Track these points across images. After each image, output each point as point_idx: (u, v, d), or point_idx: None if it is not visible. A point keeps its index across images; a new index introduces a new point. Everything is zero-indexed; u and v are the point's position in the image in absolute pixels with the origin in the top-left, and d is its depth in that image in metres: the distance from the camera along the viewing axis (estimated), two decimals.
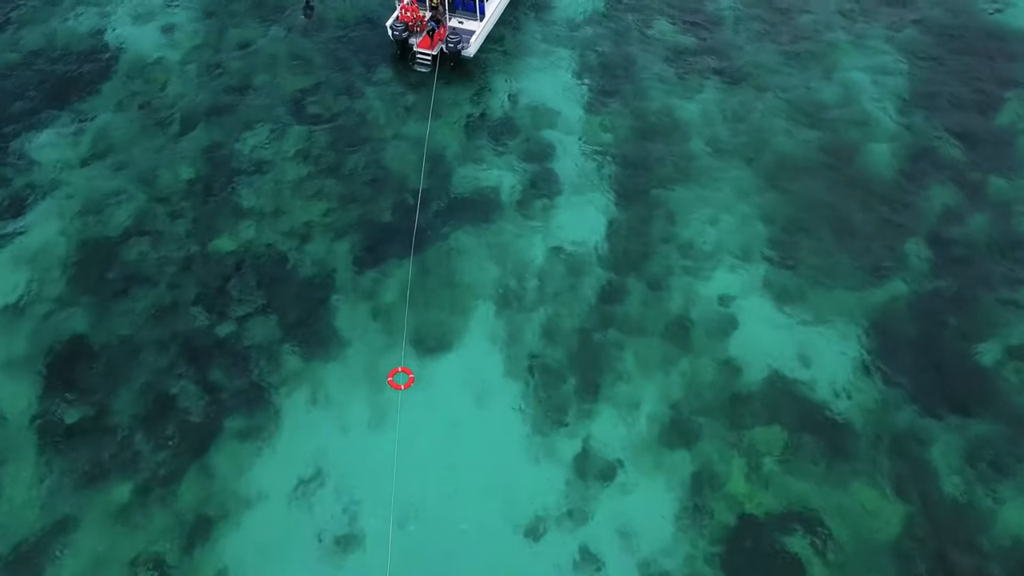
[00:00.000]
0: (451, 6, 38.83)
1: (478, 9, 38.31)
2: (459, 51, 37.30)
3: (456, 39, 37.13)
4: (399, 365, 27.08)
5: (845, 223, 32.75)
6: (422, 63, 38.13)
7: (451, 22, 38.72)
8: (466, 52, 37.76)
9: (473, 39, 37.97)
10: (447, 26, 38.49)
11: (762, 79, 38.42)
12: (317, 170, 33.73)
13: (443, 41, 37.64)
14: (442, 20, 38.53)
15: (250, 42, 39.20)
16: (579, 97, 37.37)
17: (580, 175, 34.28)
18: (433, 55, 37.88)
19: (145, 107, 36.01)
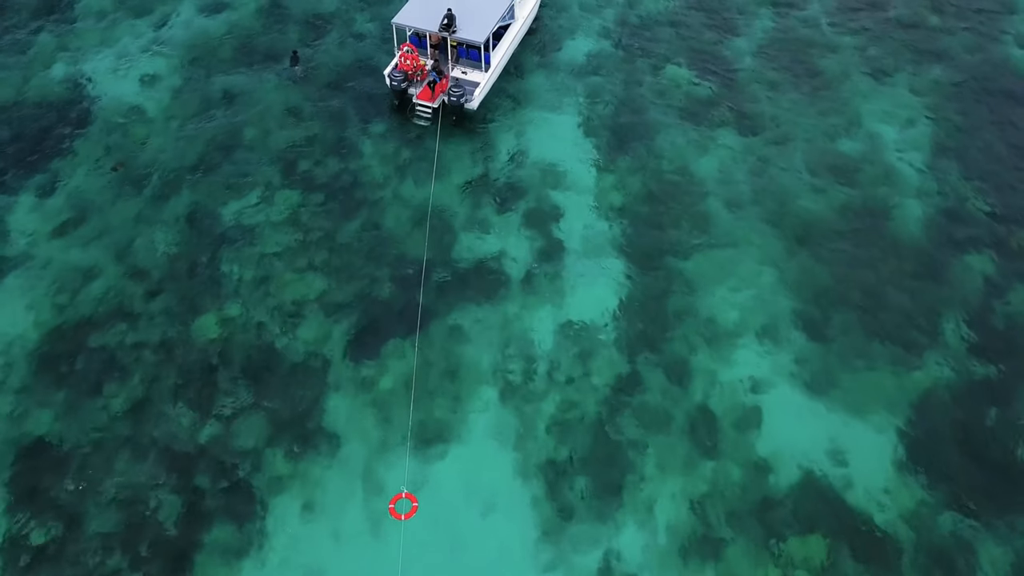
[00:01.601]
0: (454, 55, 36.42)
1: (483, 59, 35.90)
2: (462, 104, 34.94)
3: (459, 92, 34.70)
4: (401, 490, 24.68)
5: (876, 296, 30.48)
6: (422, 116, 35.71)
7: (454, 72, 36.27)
8: (469, 105, 35.36)
9: (477, 91, 35.56)
10: (449, 76, 36.08)
11: (782, 130, 36.12)
12: (309, 239, 31.31)
13: (445, 93, 35.26)
14: (444, 70, 36.14)
15: (237, 92, 36.71)
16: (588, 152, 35.00)
17: (590, 241, 31.92)
18: (434, 108, 35.50)
19: (123, 166, 33.49)
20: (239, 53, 38.56)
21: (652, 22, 41.04)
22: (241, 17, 40.24)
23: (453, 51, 36.24)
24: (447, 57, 36.32)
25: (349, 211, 32.24)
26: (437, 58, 36.28)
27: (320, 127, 35.34)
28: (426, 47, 36.41)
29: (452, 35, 34.95)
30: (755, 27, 40.93)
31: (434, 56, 36.34)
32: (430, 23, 35.24)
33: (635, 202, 33.19)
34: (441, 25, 34.90)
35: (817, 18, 41.50)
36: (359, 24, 40.36)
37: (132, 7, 40.60)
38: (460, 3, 35.76)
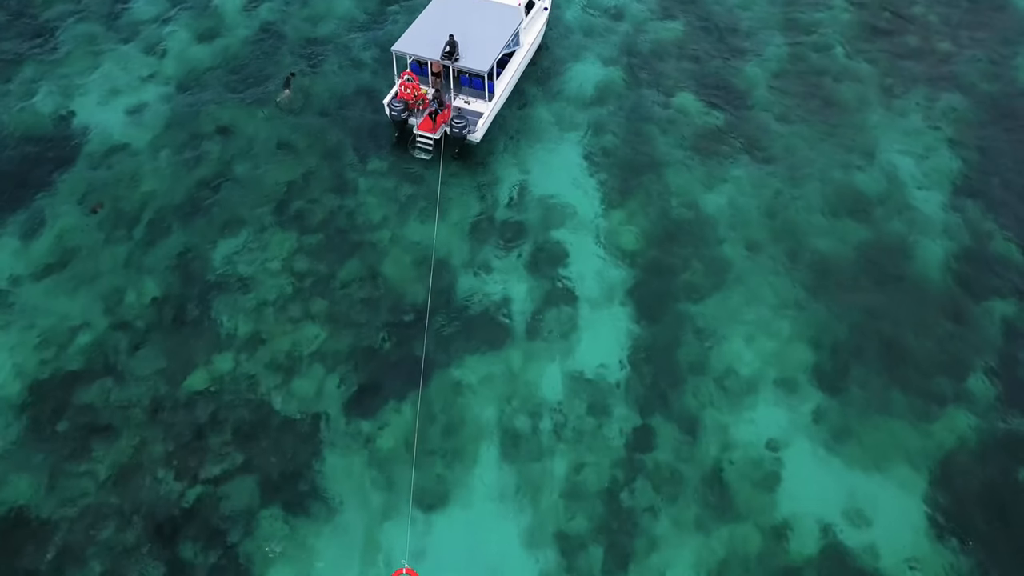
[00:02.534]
0: (456, 83, 35.06)
1: (487, 88, 34.50)
2: (464, 136, 33.56)
3: (462, 123, 33.30)
4: (402, 564, 23.27)
5: (898, 344, 29.14)
6: (423, 148, 34.30)
7: (456, 102, 34.85)
8: (472, 137, 33.96)
9: (481, 122, 34.15)
10: (452, 106, 34.71)
11: (796, 165, 34.76)
12: (304, 285, 29.91)
13: (446, 124, 33.89)
14: (445, 100, 34.78)
15: (229, 124, 35.28)
16: (594, 188, 33.64)
17: (598, 285, 30.56)
18: (435, 139, 34.11)
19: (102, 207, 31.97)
20: (230, 81, 37.12)
21: (659, 48, 39.66)
22: (232, 43, 38.82)
23: (455, 79, 34.89)
24: (449, 85, 34.98)
25: (346, 254, 30.83)
26: (439, 87, 34.92)
27: (315, 161, 33.93)
28: (427, 74, 35.07)
29: (455, 63, 33.64)
30: (766, 53, 39.58)
31: (436, 84, 35.01)
32: (431, 51, 33.83)
33: (644, 243, 31.83)
34: (443, 53, 33.58)
35: (830, 44, 40.15)
36: (355, 49, 38.96)
37: (120, 32, 39.19)
38: (463, 29, 34.42)
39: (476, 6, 35.69)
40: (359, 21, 40.36)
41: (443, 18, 35.00)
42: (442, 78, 34.92)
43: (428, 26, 34.70)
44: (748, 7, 42.16)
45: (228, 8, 40.70)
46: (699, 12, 41.75)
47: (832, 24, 41.23)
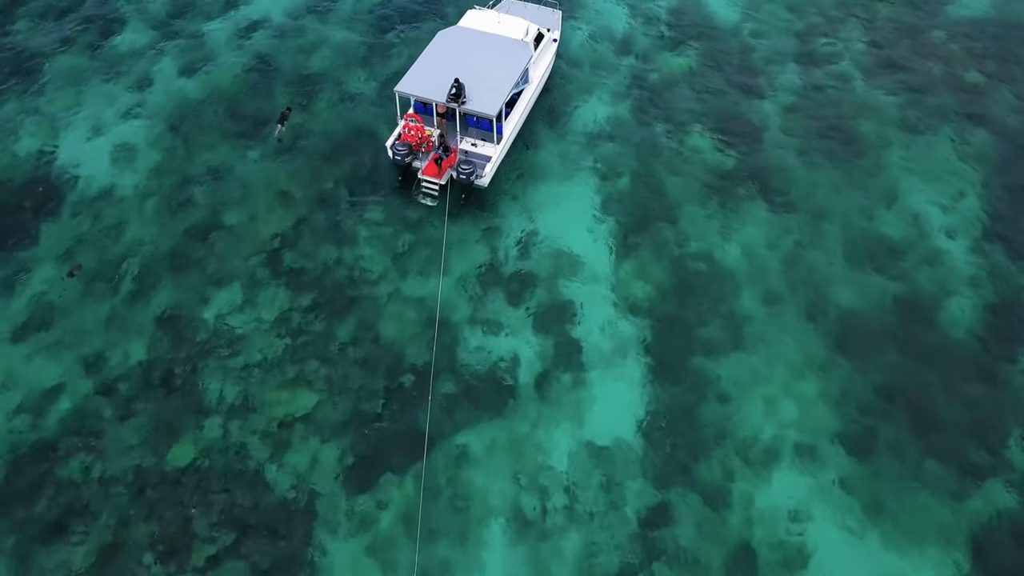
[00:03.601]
0: (463, 124, 33.30)
1: (495, 130, 32.67)
2: (472, 182, 31.84)
3: (469, 168, 31.43)
4: None
5: (928, 407, 27.48)
6: (428, 193, 32.47)
7: (462, 144, 33.00)
8: (480, 182, 32.16)
9: (489, 167, 32.32)
10: (458, 149, 32.92)
11: (816, 209, 33.08)
12: (298, 344, 28.19)
13: (453, 168, 32.12)
14: (450, 145, 32.81)
15: (220, 166, 33.55)
16: (604, 235, 31.94)
17: (610, 342, 28.87)
18: (441, 184, 32.38)
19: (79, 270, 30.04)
20: (222, 120, 35.35)
21: (669, 80, 37.97)
22: (224, 77, 37.08)
23: (462, 120, 33.16)
24: (455, 127, 33.22)
25: (343, 311, 29.12)
26: (445, 128, 33.15)
27: (310, 208, 32.20)
28: (432, 113, 33.25)
29: (461, 106, 31.88)
30: (781, 85, 37.91)
31: (441, 125, 33.22)
32: (436, 92, 32.01)
33: (658, 295, 30.15)
34: (449, 95, 31.79)
35: (849, 75, 38.49)
36: (352, 84, 37.22)
37: (106, 67, 37.43)
38: (470, 67, 32.65)
39: (483, 41, 33.94)
40: (355, 52, 38.63)
41: (448, 55, 33.27)
42: (448, 120, 33.15)
43: (432, 64, 32.94)
44: (761, 36, 40.49)
45: (218, 38, 38.99)
46: (709, 41, 40.07)
47: (849, 53, 39.57)
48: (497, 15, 35.29)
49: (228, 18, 39.97)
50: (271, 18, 40.08)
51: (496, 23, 34.85)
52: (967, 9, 41.57)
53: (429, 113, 33.17)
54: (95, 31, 39.16)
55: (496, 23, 34.85)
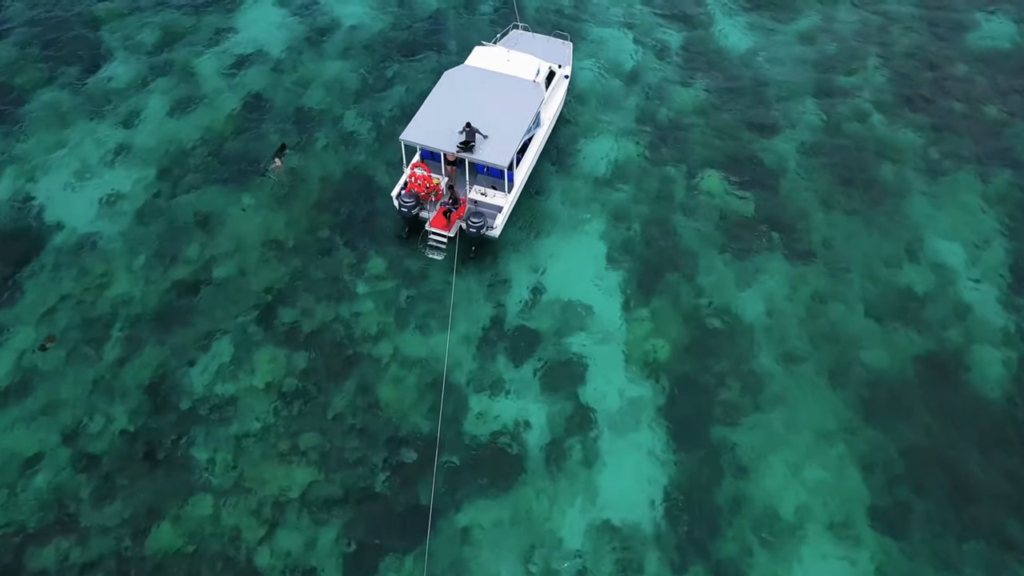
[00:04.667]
0: (472, 172, 31.45)
1: (506, 178, 30.82)
2: (483, 234, 30.14)
3: (480, 221, 29.67)
4: None
5: (963, 477, 25.89)
6: (436, 246, 30.64)
7: (471, 194, 31.15)
8: (491, 233, 30.41)
9: (500, 218, 30.55)
10: (467, 199, 31.10)
11: (836, 257, 31.47)
12: (292, 412, 26.55)
13: (462, 219, 30.37)
14: (459, 196, 30.97)
15: (211, 214, 31.88)
16: (615, 288, 30.32)
17: (622, 406, 27.27)
18: (450, 237, 30.65)
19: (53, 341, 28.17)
20: (213, 162, 33.69)
21: (681, 118, 36.33)
22: (215, 116, 35.39)
23: (471, 168, 31.25)
24: (464, 177, 31.35)
25: (340, 373, 27.50)
26: (453, 175, 31.42)
27: (305, 260, 30.53)
28: (440, 160, 31.31)
29: (471, 157, 30.08)
30: (798, 123, 36.29)
31: (449, 173, 31.44)
32: (445, 140, 30.19)
33: (672, 355, 28.54)
34: (459, 144, 30.00)
35: (867, 111, 36.88)
36: (350, 122, 35.55)
37: (92, 104, 35.72)
38: (479, 111, 30.85)
39: (492, 82, 32.16)
40: (352, 87, 36.95)
41: (455, 98, 31.51)
42: (457, 167, 31.56)
43: (439, 109, 31.16)
44: (775, 66, 38.89)
45: (209, 73, 37.32)
46: (722, 73, 38.46)
47: (867, 87, 37.96)
48: (506, 52, 33.50)
49: (219, 50, 38.31)
50: (264, 50, 38.42)
51: (505, 61, 33.07)
52: (990, 39, 39.99)
53: (437, 159, 31.33)
54: (80, 64, 37.47)
55: (505, 61, 33.07)
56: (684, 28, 40.59)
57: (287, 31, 39.39)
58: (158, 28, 39.25)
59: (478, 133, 30.05)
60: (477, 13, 40.74)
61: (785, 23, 41.00)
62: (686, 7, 41.71)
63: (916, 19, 41.41)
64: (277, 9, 40.50)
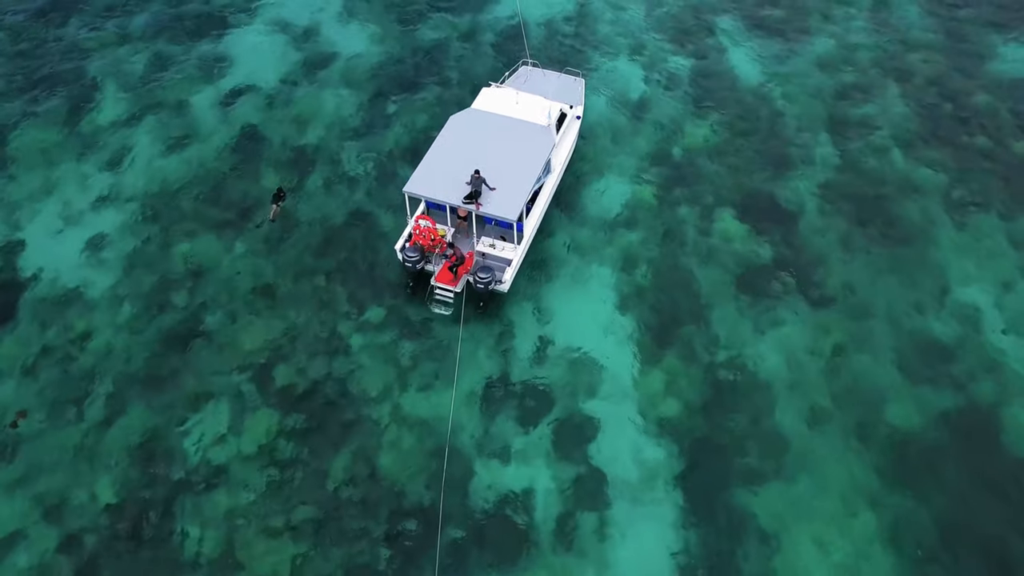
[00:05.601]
0: (480, 223, 29.74)
1: (515, 229, 29.11)
2: (491, 290, 28.53)
3: (488, 276, 28.03)
4: None
5: (1002, 550, 24.36)
6: (442, 301, 29.02)
7: (479, 246, 29.44)
8: (500, 288, 28.83)
9: (509, 272, 28.92)
10: (475, 251, 29.43)
11: (859, 305, 29.98)
12: (286, 482, 25.03)
13: (470, 273, 28.75)
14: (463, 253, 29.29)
15: (202, 261, 30.36)
16: (626, 339, 28.82)
17: (636, 472, 25.75)
18: (457, 292, 29.02)
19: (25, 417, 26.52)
20: (204, 205, 32.19)
21: (694, 154, 34.82)
22: (207, 154, 33.91)
23: (478, 219, 29.53)
24: (472, 229, 29.65)
25: (337, 437, 25.99)
26: (461, 226, 29.87)
27: (301, 311, 29.02)
28: (445, 210, 29.57)
29: (479, 210, 28.47)
30: (815, 159, 34.80)
31: (458, 225, 29.88)
32: (451, 191, 28.58)
33: (688, 413, 27.04)
34: (465, 198, 28.42)
35: (886, 146, 35.39)
36: (348, 160, 34.07)
37: (79, 142, 34.23)
38: (486, 159, 29.25)
39: (500, 127, 30.51)
40: (351, 123, 35.45)
41: (462, 146, 29.87)
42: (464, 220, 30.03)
43: (445, 157, 29.54)
44: (790, 99, 37.38)
45: (202, 107, 35.83)
46: (735, 106, 36.92)
47: (886, 119, 36.46)
48: (516, 94, 31.87)
49: (212, 83, 36.82)
50: (258, 83, 36.93)
51: (515, 104, 31.44)
52: (1012, 66, 38.49)
53: (442, 209, 29.68)
54: (67, 99, 35.96)
55: (515, 104, 31.44)
56: (694, 56, 39.12)
57: (283, 61, 37.91)
58: (148, 59, 37.81)
59: (485, 184, 28.56)
60: (479, 42, 39.26)
61: (799, 50, 39.52)
62: (696, 34, 40.23)
63: (934, 45, 39.94)
64: (272, 37, 39.04)
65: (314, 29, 39.48)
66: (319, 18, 40.01)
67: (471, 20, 40.30)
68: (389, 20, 40.06)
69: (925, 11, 41.90)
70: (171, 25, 39.42)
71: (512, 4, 41.07)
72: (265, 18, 39.80)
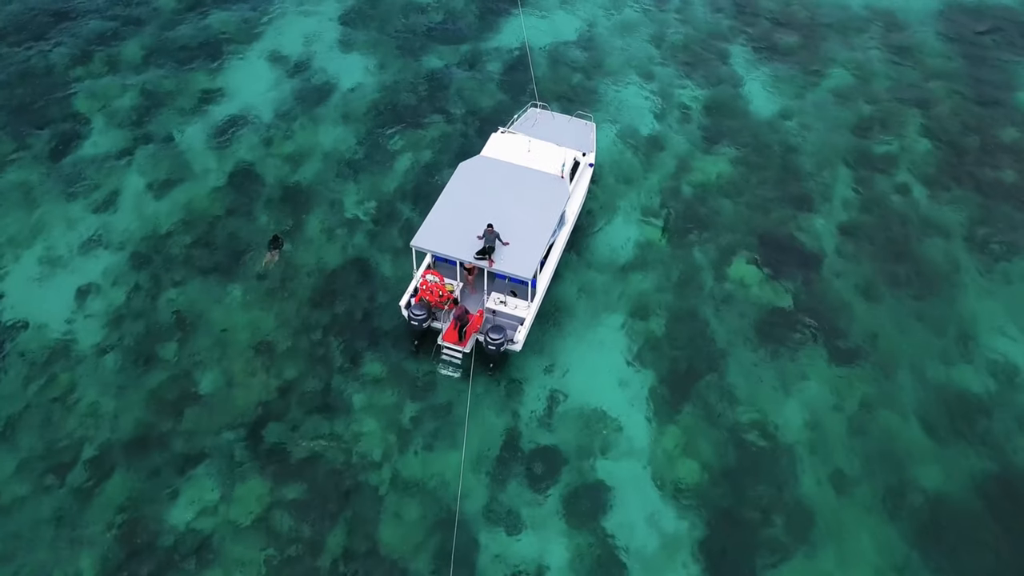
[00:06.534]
0: (490, 279, 28.12)
1: (529, 285, 27.42)
2: (503, 351, 26.94)
3: (499, 337, 26.35)
4: None
5: None
6: (450, 361, 27.38)
7: (489, 303, 27.75)
8: (512, 348, 27.18)
9: (522, 330, 27.27)
10: (485, 310, 27.78)
11: (883, 355, 28.49)
12: (281, 559, 23.42)
13: (480, 334, 27.09)
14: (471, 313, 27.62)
15: (192, 311, 28.81)
16: (640, 396, 27.31)
17: (654, 542, 24.20)
18: (465, 352, 27.35)
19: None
20: (195, 249, 30.61)
21: (707, 193, 33.33)
22: (199, 195, 32.37)
23: (489, 275, 28.05)
24: (483, 285, 28.13)
25: (335, 507, 24.41)
26: (471, 283, 28.39)
27: (298, 367, 27.48)
28: (454, 263, 28.06)
29: (492, 268, 26.86)
30: (834, 197, 33.35)
31: (468, 281, 28.40)
32: (461, 246, 26.93)
33: (707, 478, 25.51)
34: (477, 252, 26.80)
35: (908, 183, 33.92)
36: (348, 201, 32.51)
37: (65, 183, 32.63)
38: (497, 212, 27.70)
39: (512, 177, 28.91)
40: (350, 160, 33.93)
41: (472, 196, 28.27)
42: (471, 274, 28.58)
43: (454, 209, 27.91)
44: (806, 131, 35.93)
45: (193, 144, 34.31)
46: (749, 140, 35.45)
47: (908, 155, 35.00)
48: (527, 141, 30.25)
49: (205, 118, 35.30)
50: (254, 116, 35.42)
51: (526, 151, 29.83)
52: None
53: (450, 262, 28.09)
54: (52, 134, 34.40)
55: (526, 151, 29.83)
56: (705, 86, 37.65)
57: (278, 94, 36.41)
58: (138, 90, 36.28)
59: (499, 239, 27.01)
60: (483, 72, 37.77)
61: (815, 81, 38.07)
62: (707, 62, 38.79)
63: (956, 73, 38.54)
64: (267, 68, 37.56)
65: (311, 58, 38.00)
66: (316, 47, 38.54)
67: (473, 48, 38.86)
68: (389, 49, 38.61)
69: (944, 35, 40.55)
70: (163, 54, 37.93)
71: (514, 30, 39.69)
72: (260, 46, 38.33)
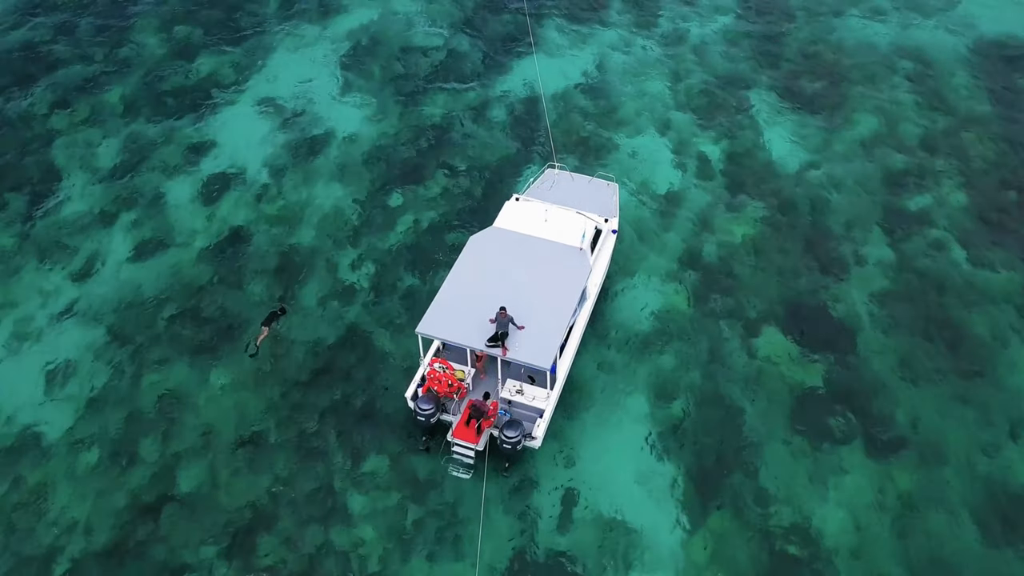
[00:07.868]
0: (505, 366, 25.58)
1: (548, 374, 24.93)
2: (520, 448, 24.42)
3: (515, 434, 23.80)
4: None
5: None
6: (461, 462, 24.84)
7: (503, 392, 25.28)
8: (531, 444, 24.71)
9: (541, 424, 24.79)
10: (499, 401, 25.35)
11: (926, 445, 26.17)
12: None
13: (494, 429, 24.66)
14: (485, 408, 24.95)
15: (175, 396, 26.48)
16: (664, 494, 24.96)
17: None
18: (478, 450, 24.86)
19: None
20: (180, 324, 28.33)
21: (731, 256, 31.06)
22: (184, 261, 30.11)
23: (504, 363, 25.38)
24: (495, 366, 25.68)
25: None
26: (482, 368, 26.08)
27: (290, 463, 25.11)
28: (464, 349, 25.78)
29: (506, 356, 24.41)
30: (868, 261, 31.07)
31: (479, 368, 26.08)
32: (472, 332, 24.48)
33: None
34: (489, 339, 24.39)
35: (945, 242, 31.69)
36: (345, 268, 30.23)
37: (43, 248, 30.44)
38: (513, 292, 25.31)
39: (528, 251, 26.42)
40: (348, 220, 31.63)
41: (484, 275, 25.85)
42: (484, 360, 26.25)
43: (464, 289, 25.52)
44: (834, 186, 33.66)
45: (179, 201, 32.05)
46: (774, 196, 33.18)
47: (944, 211, 32.76)
48: (544, 209, 27.66)
49: (192, 172, 33.05)
50: (244, 171, 33.16)
51: (543, 221, 27.24)
52: None
53: (462, 349, 25.81)
54: (27, 191, 32.22)
55: (543, 221, 27.24)
56: (726, 136, 35.40)
57: (271, 147, 34.13)
58: (122, 142, 34.11)
59: (513, 323, 24.63)
60: (489, 120, 35.54)
61: (840, 130, 35.83)
62: (726, 110, 36.55)
63: (989, 119, 36.35)
64: (259, 117, 35.31)
65: (306, 107, 35.76)
66: (311, 93, 36.30)
67: (479, 94, 36.61)
68: (388, 95, 36.35)
69: (975, 78, 38.36)
70: (148, 101, 35.71)
71: (522, 73, 37.47)
72: (252, 94, 36.11)
